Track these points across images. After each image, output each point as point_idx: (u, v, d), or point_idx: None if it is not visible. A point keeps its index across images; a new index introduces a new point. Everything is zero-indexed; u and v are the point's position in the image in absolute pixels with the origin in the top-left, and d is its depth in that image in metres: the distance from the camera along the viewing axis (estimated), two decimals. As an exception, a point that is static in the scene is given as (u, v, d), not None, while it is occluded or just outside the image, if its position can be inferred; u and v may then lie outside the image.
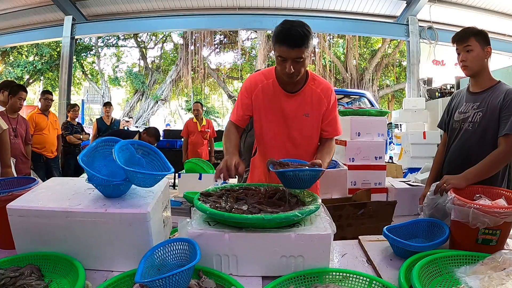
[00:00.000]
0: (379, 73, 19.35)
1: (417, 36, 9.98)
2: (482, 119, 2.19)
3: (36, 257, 1.40)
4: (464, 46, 2.22)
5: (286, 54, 1.87)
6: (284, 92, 2.09)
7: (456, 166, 2.23)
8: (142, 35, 20.31)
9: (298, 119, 2.11)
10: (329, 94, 2.13)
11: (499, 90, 2.18)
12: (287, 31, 1.85)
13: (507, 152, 2.05)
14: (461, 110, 2.35)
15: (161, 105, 20.91)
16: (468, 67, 2.23)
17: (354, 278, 1.35)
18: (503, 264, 1.36)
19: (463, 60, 2.23)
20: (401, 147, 7.62)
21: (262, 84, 2.13)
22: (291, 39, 1.84)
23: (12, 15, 10.91)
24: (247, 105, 2.15)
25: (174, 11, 10.86)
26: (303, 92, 2.09)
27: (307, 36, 1.85)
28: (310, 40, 1.87)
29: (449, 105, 2.52)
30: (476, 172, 1.98)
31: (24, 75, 18.68)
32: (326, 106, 2.12)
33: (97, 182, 1.48)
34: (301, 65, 1.92)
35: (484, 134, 2.18)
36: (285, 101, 2.10)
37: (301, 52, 1.86)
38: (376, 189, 3.67)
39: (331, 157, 2.09)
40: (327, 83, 2.19)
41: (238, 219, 1.40)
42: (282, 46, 1.86)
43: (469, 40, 2.20)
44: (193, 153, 6.85)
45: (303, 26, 1.87)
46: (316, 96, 2.10)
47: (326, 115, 2.13)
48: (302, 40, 1.84)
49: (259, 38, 18.58)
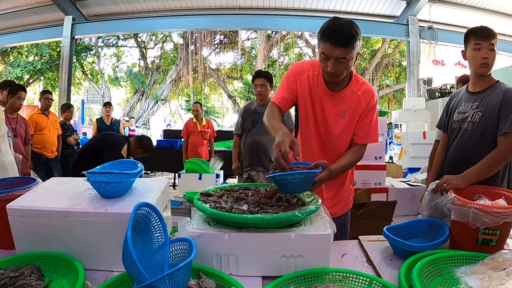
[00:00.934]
0: (379, 73, 19.36)
1: (417, 36, 9.98)
2: (482, 119, 2.19)
3: (36, 257, 1.40)
4: (490, 43, 2.19)
5: (329, 52, 1.79)
6: (326, 89, 2.01)
7: (456, 166, 2.22)
8: (142, 35, 20.32)
9: (334, 119, 2.03)
10: (370, 98, 2.03)
11: (498, 89, 2.18)
12: (334, 27, 1.76)
13: (507, 151, 2.05)
14: (460, 110, 2.34)
15: (161, 105, 20.91)
16: (489, 65, 2.20)
17: (354, 278, 1.35)
18: (503, 264, 1.36)
19: (485, 57, 2.18)
20: (401, 147, 7.62)
21: (308, 73, 2.04)
22: (336, 37, 1.76)
23: (12, 15, 10.91)
24: (292, 89, 2.05)
25: (174, 11, 10.86)
26: (344, 93, 2.01)
27: (354, 36, 1.76)
28: (356, 42, 1.78)
29: (448, 105, 2.51)
30: (476, 172, 1.98)
31: (24, 75, 18.68)
32: (363, 110, 2.02)
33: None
34: (344, 66, 1.83)
35: (483, 133, 2.18)
36: (324, 98, 2.02)
37: (346, 53, 1.78)
38: (376, 189, 3.68)
39: (351, 161, 2.00)
40: (370, 86, 2.08)
41: (238, 219, 1.40)
42: (326, 43, 1.78)
43: (494, 39, 2.19)
44: (193, 153, 6.86)
45: (351, 25, 1.77)
46: (356, 98, 2.01)
47: (360, 119, 2.03)
48: (348, 39, 1.75)
49: (259, 38, 18.57)
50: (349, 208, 2.31)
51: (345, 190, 2.24)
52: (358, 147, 2.05)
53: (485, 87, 2.25)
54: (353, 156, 2.01)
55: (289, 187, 1.58)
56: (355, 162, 2.06)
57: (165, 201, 1.75)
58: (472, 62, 2.25)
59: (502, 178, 2.25)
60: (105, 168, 1.70)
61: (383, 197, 3.69)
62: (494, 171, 2.08)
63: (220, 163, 4.65)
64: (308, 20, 10.35)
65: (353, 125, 2.04)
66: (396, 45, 18.56)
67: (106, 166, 1.72)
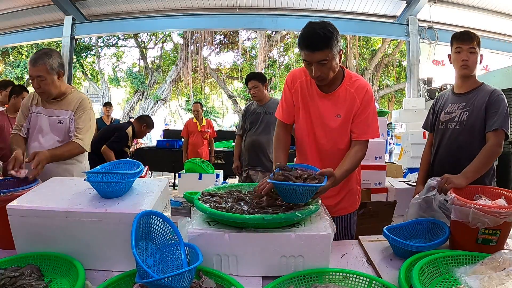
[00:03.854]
0: (379, 73, 19.33)
1: (417, 36, 9.96)
2: (469, 118, 2.30)
3: (36, 257, 1.41)
4: (469, 47, 2.30)
5: (309, 58, 1.85)
6: (319, 92, 2.05)
7: (446, 164, 2.36)
8: (142, 35, 20.28)
9: (330, 119, 2.05)
10: (363, 93, 2.02)
11: (484, 90, 2.31)
12: (307, 34, 1.83)
13: (497, 145, 2.16)
14: (447, 111, 2.45)
15: (161, 105, 20.87)
16: (469, 67, 2.32)
17: (354, 278, 1.35)
18: (503, 264, 1.36)
19: (465, 60, 2.30)
20: (401, 147, 7.62)
21: (300, 80, 2.10)
22: (311, 42, 1.82)
23: (12, 15, 10.88)
24: (289, 100, 2.14)
25: (174, 11, 10.83)
26: (338, 93, 2.04)
27: (328, 37, 1.80)
28: (333, 41, 1.82)
29: (433, 107, 2.62)
30: (473, 169, 2.05)
31: (24, 75, 18.65)
32: (358, 106, 2.02)
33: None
34: (328, 68, 1.87)
35: (471, 131, 2.29)
36: (319, 101, 2.06)
37: (325, 54, 1.82)
38: (376, 189, 3.67)
39: (354, 163, 1.98)
40: (363, 81, 2.09)
41: (238, 219, 1.40)
42: (304, 50, 1.84)
43: (473, 43, 2.29)
44: (193, 153, 6.85)
45: (324, 27, 1.82)
46: (349, 96, 2.03)
47: (356, 115, 2.04)
48: (323, 42, 1.80)
49: (259, 38, 18.53)
50: (355, 208, 2.31)
51: (351, 189, 2.24)
52: (359, 146, 2.03)
53: (471, 88, 2.37)
54: (354, 158, 1.99)
55: (290, 196, 1.55)
56: (358, 163, 2.04)
57: (165, 201, 1.76)
58: (455, 64, 2.38)
59: (493, 173, 2.39)
60: (105, 168, 1.70)
61: (383, 197, 3.69)
62: (489, 166, 2.19)
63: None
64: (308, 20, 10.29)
65: (349, 122, 2.04)
66: (396, 45, 18.53)
67: (106, 166, 1.73)
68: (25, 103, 2.65)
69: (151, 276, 1.08)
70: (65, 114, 2.62)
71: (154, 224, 1.37)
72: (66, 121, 2.62)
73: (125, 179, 1.56)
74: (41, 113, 2.62)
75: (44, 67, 2.46)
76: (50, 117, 2.62)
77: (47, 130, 2.61)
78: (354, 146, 2.04)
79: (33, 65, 2.47)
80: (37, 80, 2.47)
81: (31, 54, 13.77)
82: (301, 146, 2.19)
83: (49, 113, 2.63)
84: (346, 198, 2.22)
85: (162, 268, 1.31)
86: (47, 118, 2.62)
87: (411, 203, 2.00)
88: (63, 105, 2.63)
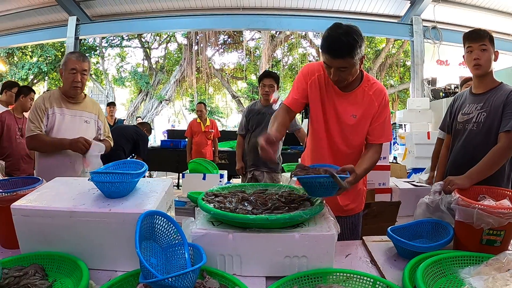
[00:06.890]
0: (383, 73, 19.28)
1: (421, 36, 9.93)
2: (487, 119, 2.22)
3: (40, 256, 1.41)
4: (480, 44, 2.23)
5: (329, 63, 1.82)
6: (337, 89, 2.01)
7: (462, 165, 2.23)
8: (146, 36, 20.31)
9: (345, 118, 2.03)
10: (381, 97, 2.03)
11: (502, 90, 2.22)
12: (331, 39, 1.78)
13: (506, 147, 2.07)
14: (464, 112, 2.37)
15: (165, 105, 20.90)
16: (482, 66, 2.25)
17: (358, 279, 1.35)
18: (508, 265, 1.36)
19: (477, 59, 2.23)
20: (405, 147, 7.59)
21: (318, 74, 2.04)
22: (334, 49, 1.78)
23: (16, 15, 10.94)
24: (303, 89, 2.06)
25: (178, 11, 10.85)
26: (355, 93, 2.01)
27: (352, 45, 1.75)
28: (355, 50, 1.76)
29: (451, 107, 2.54)
30: (478, 170, 2.00)
31: (29, 76, 18.72)
32: (376, 110, 2.02)
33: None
34: (347, 74, 1.85)
35: (488, 133, 2.21)
36: (336, 99, 2.02)
37: (345, 62, 1.79)
38: (380, 189, 3.65)
39: (371, 164, 1.98)
40: (381, 85, 2.08)
41: (242, 219, 1.40)
42: (325, 54, 1.81)
43: (485, 40, 2.22)
44: (197, 153, 6.86)
45: (349, 34, 1.75)
46: (367, 98, 2.01)
47: (374, 119, 2.03)
48: (345, 50, 1.76)
49: (263, 38, 18.54)
50: (361, 209, 2.31)
51: (359, 190, 2.25)
52: (375, 149, 2.04)
53: (489, 88, 2.28)
54: (372, 159, 1.99)
55: (317, 190, 1.58)
56: (374, 165, 2.03)
57: (169, 201, 1.76)
58: (468, 65, 2.32)
59: (508, 178, 2.26)
60: (109, 168, 1.71)
61: (387, 198, 3.67)
62: (496, 169, 2.09)
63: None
64: (312, 20, 10.32)
65: (364, 125, 2.04)
66: (400, 45, 18.48)
67: (110, 166, 1.73)
68: (40, 105, 2.73)
69: (155, 276, 1.08)
70: (88, 115, 2.91)
71: (158, 224, 1.38)
72: (91, 121, 2.93)
73: (129, 179, 1.56)
74: (66, 114, 2.80)
75: (89, 65, 2.74)
76: (75, 116, 2.84)
77: (73, 128, 2.79)
78: (371, 149, 2.04)
79: (83, 60, 2.70)
80: (81, 74, 2.69)
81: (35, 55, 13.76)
82: (315, 143, 2.14)
83: (73, 113, 2.83)
84: (354, 198, 2.22)
85: (166, 268, 1.32)
86: (73, 118, 2.83)
87: (419, 203, 1.98)
88: (83, 107, 2.89)
